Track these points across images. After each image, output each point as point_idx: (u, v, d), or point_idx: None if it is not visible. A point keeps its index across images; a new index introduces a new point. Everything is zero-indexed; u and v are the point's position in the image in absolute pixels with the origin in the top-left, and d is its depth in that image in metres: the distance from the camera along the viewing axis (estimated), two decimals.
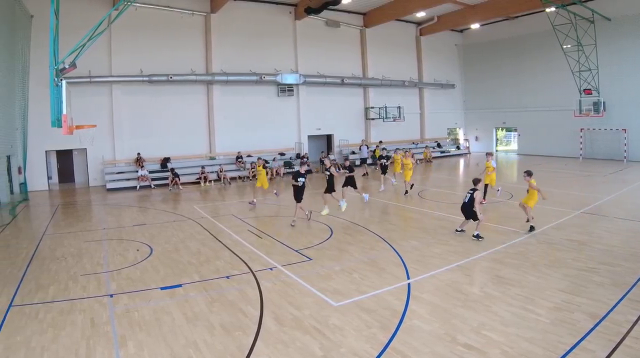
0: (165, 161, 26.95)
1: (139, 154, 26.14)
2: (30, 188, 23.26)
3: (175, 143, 27.79)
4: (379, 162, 23.09)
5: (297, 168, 28.87)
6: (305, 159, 27.24)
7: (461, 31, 41.63)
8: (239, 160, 28.36)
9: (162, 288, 9.31)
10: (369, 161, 30.38)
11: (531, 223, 13.08)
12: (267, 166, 27.69)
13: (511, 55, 37.53)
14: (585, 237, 12.30)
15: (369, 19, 34.58)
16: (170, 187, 24.44)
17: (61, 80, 13.32)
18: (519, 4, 29.92)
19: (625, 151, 30.09)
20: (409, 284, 9.15)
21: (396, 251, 11.55)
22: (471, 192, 12.56)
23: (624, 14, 29.39)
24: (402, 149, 23.32)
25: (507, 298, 8.22)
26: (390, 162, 22.95)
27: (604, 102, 30.58)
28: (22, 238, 14.43)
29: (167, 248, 12.52)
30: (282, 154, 30.88)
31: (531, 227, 13.00)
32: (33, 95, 22.40)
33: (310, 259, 11.09)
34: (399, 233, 13.48)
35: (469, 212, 12.57)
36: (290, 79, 30.88)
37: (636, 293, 8.27)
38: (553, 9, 28.47)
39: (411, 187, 20.22)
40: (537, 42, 34.91)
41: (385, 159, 22.34)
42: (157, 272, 10.40)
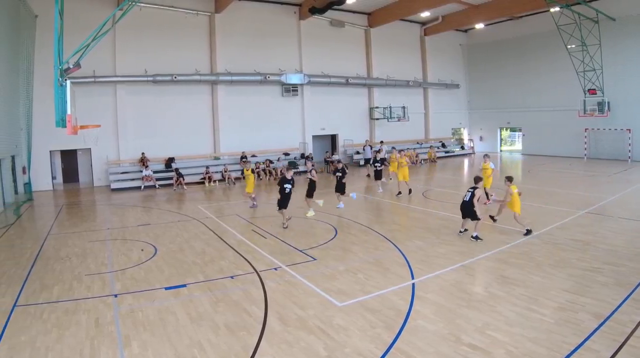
0: (170, 161, 26.98)
1: (143, 153, 26.19)
2: (35, 188, 23.39)
3: (180, 143, 27.83)
4: (372, 166, 22.10)
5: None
6: (297, 162, 27.14)
7: (465, 31, 41.58)
8: (244, 160, 28.36)
9: (166, 288, 9.32)
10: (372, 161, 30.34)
11: (527, 227, 12.73)
12: (272, 166, 27.81)
13: (515, 55, 37.47)
14: (589, 237, 12.27)
15: (374, 18, 34.58)
16: (175, 187, 24.49)
17: (65, 80, 13.39)
18: (523, 3, 29.89)
19: (630, 151, 30.00)
20: (413, 284, 9.15)
21: (400, 251, 11.54)
22: (471, 190, 12.49)
23: (628, 14, 29.35)
24: (397, 149, 22.84)
25: (511, 299, 8.20)
26: (386, 164, 22.21)
27: (608, 102, 30.52)
28: (27, 238, 14.48)
29: (171, 248, 12.53)
30: (286, 154, 30.87)
31: (527, 231, 12.66)
32: (37, 95, 22.50)
33: (315, 259, 11.09)
34: (403, 233, 13.47)
35: (468, 211, 12.46)
36: (294, 79, 30.90)
37: None
38: (557, 9, 28.41)
39: (409, 191, 19.92)
40: (541, 42, 34.85)
41: (379, 162, 21.14)
42: (162, 272, 10.42)
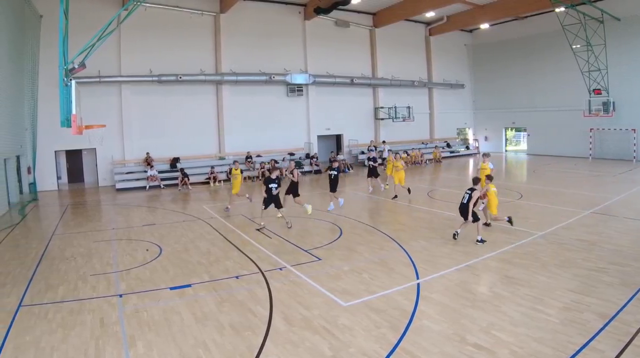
0: (175, 161, 27.04)
1: (147, 153, 26.26)
2: (40, 188, 23.44)
3: (185, 143, 27.87)
4: (367, 164, 21.42)
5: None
6: (302, 162, 27.01)
7: (470, 31, 41.51)
8: (249, 160, 28.40)
9: (171, 288, 9.33)
10: (378, 161, 30.27)
11: (505, 218, 13.09)
12: (278, 166, 27.76)
13: (520, 55, 37.37)
14: (594, 237, 12.21)
15: (379, 19, 34.58)
16: (180, 187, 24.52)
17: (70, 80, 13.43)
18: (528, 3, 29.83)
19: (635, 151, 29.94)
20: (418, 284, 9.12)
21: (405, 251, 11.52)
22: (469, 192, 12.21)
23: (633, 14, 29.23)
24: (393, 151, 22.45)
25: (516, 299, 8.17)
26: (382, 164, 21.68)
27: (613, 102, 30.41)
28: (32, 238, 14.52)
29: (176, 248, 12.54)
30: (291, 153, 30.90)
31: (509, 218, 13.01)
32: (42, 95, 22.54)
33: (320, 259, 11.08)
34: (408, 233, 13.44)
35: (467, 213, 12.09)
36: (299, 79, 30.93)
37: None
38: (562, 9, 28.35)
39: (409, 191, 19.42)
40: (546, 42, 34.73)
41: (373, 160, 20.71)
42: (167, 272, 10.43)
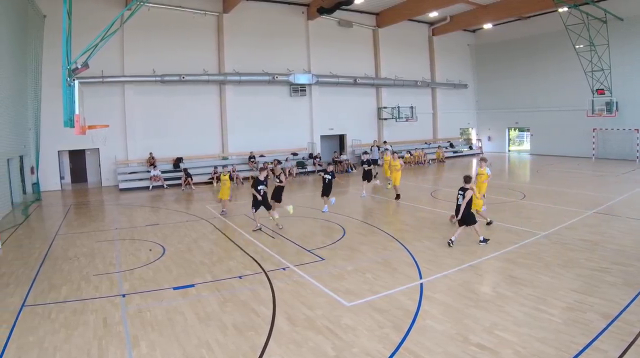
0: (178, 161, 27.06)
1: (150, 153, 26.30)
2: (43, 189, 23.48)
3: (188, 143, 27.90)
4: (362, 167, 20.89)
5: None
6: (305, 162, 26.91)
7: (474, 31, 41.45)
8: (252, 160, 28.40)
9: (174, 288, 9.35)
10: (380, 162, 30.29)
11: (487, 220, 13.66)
12: (280, 166, 27.74)
13: (524, 55, 37.30)
14: (597, 237, 12.19)
15: (382, 19, 34.55)
16: (183, 187, 24.54)
17: (74, 80, 13.45)
18: (531, 3, 29.78)
19: (638, 151, 29.83)
20: (421, 284, 9.13)
21: (409, 251, 11.51)
22: (462, 193, 11.67)
23: (636, 14, 29.15)
24: (390, 151, 22.35)
25: (519, 299, 8.16)
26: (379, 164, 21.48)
27: (616, 102, 30.34)
28: (35, 238, 14.56)
29: (179, 248, 12.56)
30: (294, 154, 30.89)
31: (489, 222, 13.59)
32: (45, 95, 22.58)
33: (323, 259, 11.08)
34: (411, 233, 13.43)
35: (463, 215, 11.53)
36: (302, 79, 30.93)
37: None
38: (565, 9, 28.28)
39: (397, 197, 18.77)
40: (549, 42, 34.68)
41: (367, 163, 20.35)
42: (170, 272, 10.44)
